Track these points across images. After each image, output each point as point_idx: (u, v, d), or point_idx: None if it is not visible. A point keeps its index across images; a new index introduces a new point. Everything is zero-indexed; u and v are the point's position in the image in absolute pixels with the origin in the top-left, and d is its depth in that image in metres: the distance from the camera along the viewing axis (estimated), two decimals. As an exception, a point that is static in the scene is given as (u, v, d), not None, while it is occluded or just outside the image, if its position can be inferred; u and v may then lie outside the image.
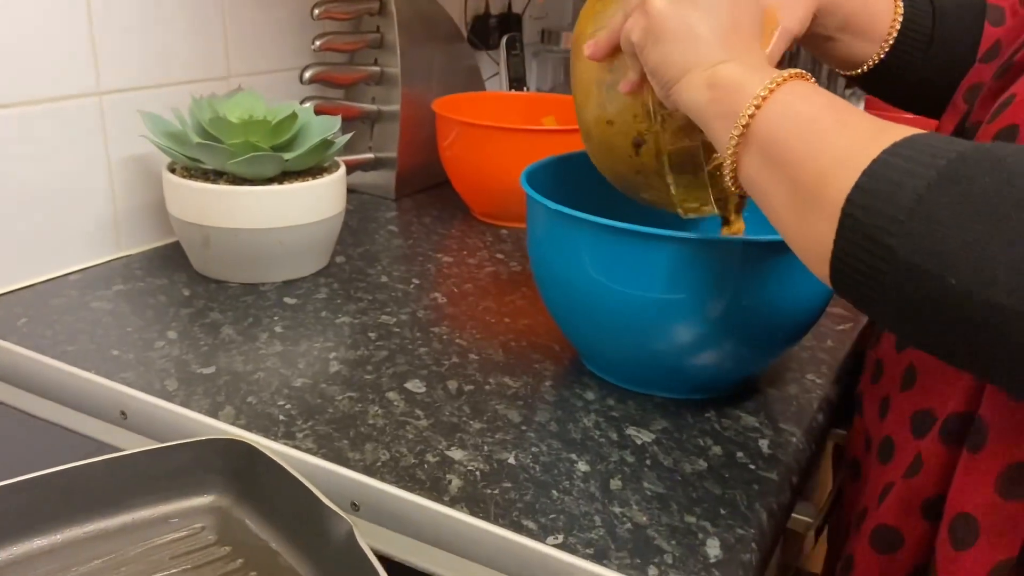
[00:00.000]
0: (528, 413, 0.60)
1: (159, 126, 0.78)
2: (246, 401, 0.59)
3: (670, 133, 0.56)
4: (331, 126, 0.82)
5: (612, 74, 0.57)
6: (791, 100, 0.43)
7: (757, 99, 0.43)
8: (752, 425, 0.60)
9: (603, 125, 0.59)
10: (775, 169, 0.42)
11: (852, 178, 0.37)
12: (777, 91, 0.43)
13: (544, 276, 0.63)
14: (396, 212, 1.02)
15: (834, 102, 0.43)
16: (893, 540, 0.49)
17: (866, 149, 0.38)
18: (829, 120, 0.41)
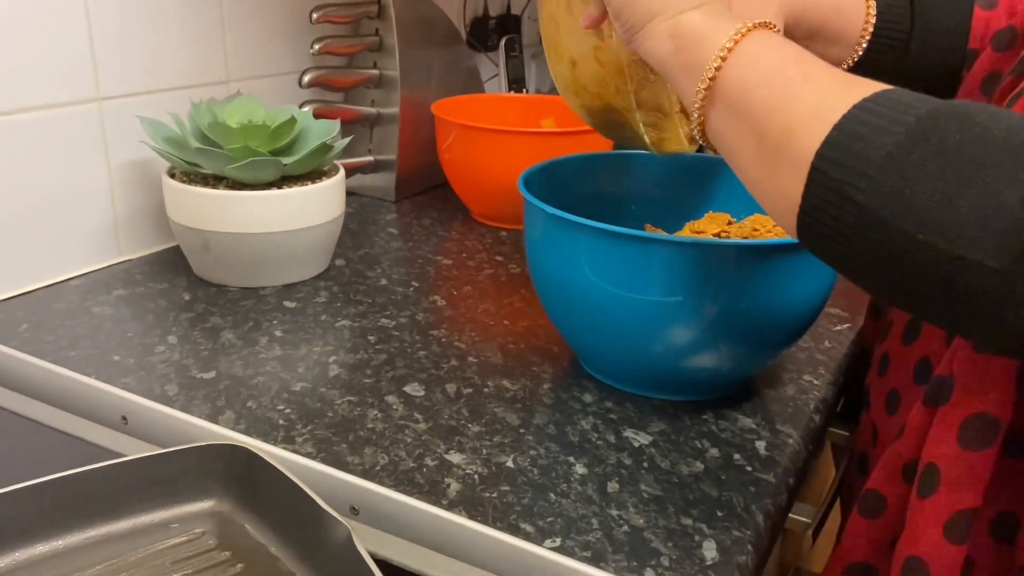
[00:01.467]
0: (526, 416, 0.60)
1: (159, 131, 0.78)
2: (246, 406, 0.60)
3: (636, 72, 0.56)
4: (330, 130, 0.82)
5: (572, 15, 0.56)
6: (757, 51, 0.42)
7: (723, 51, 0.43)
8: (749, 427, 0.60)
9: (568, 64, 0.58)
10: (742, 122, 0.42)
11: (821, 133, 0.37)
12: (743, 42, 0.43)
13: (542, 280, 0.64)
14: (396, 214, 1.02)
15: (801, 54, 0.42)
16: (878, 505, 0.50)
17: (835, 103, 0.38)
18: (797, 73, 0.41)
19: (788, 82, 0.40)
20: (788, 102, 0.40)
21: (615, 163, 0.77)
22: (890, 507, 0.50)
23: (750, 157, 0.42)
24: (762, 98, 0.41)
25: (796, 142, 0.39)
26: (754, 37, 0.43)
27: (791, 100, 0.40)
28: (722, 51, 0.43)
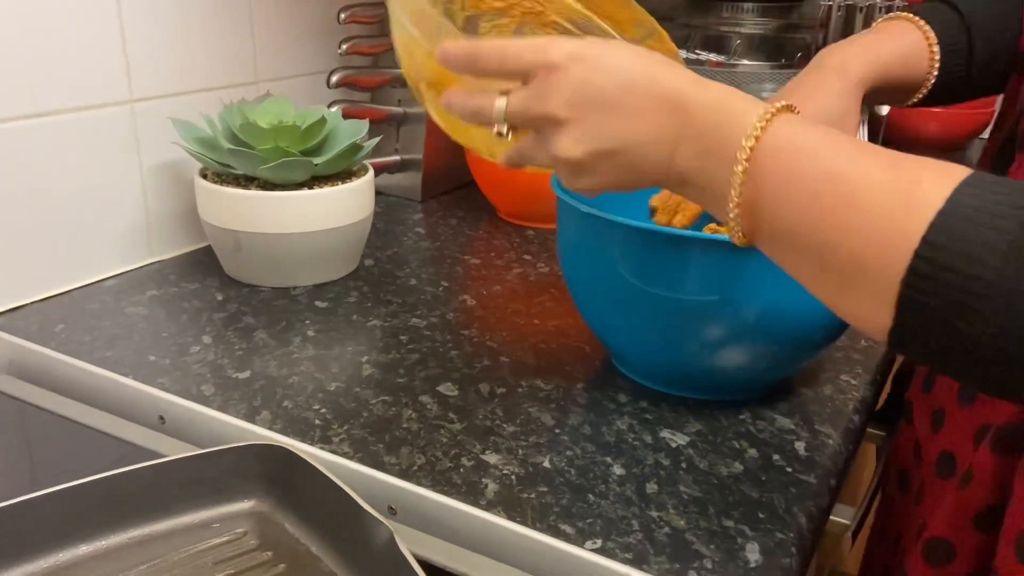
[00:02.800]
0: (561, 416, 0.60)
1: (190, 132, 0.79)
2: (282, 405, 0.60)
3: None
4: (359, 130, 0.82)
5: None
6: (779, 176, 0.37)
7: (736, 192, 0.38)
8: (787, 427, 0.59)
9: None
10: (792, 253, 0.38)
11: (902, 260, 0.33)
12: (754, 166, 0.38)
13: (576, 279, 0.63)
14: (422, 214, 1.02)
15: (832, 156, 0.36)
16: (947, 552, 0.49)
17: (903, 224, 0.33)
18: (838, 189, 0.36)
19: (834, 205, 0.36)
20: (844, 227, 0.35)
21: None
22: (960, 556, 0.49)
23: (813, 284, 0.38)
24: (807, 228, 0.37)
25: (870, 271, 0.35)
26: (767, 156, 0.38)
27: (848, 224, 0.35)
28: (736, 193, 0.39)
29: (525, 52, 0.42)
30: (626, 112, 0.41)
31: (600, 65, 0.41)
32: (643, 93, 0.40)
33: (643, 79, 0.40)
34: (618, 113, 0.41)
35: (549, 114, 0.42)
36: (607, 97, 0.40)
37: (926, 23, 0.63)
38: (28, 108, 0.71)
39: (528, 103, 0.42)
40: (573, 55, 0.41)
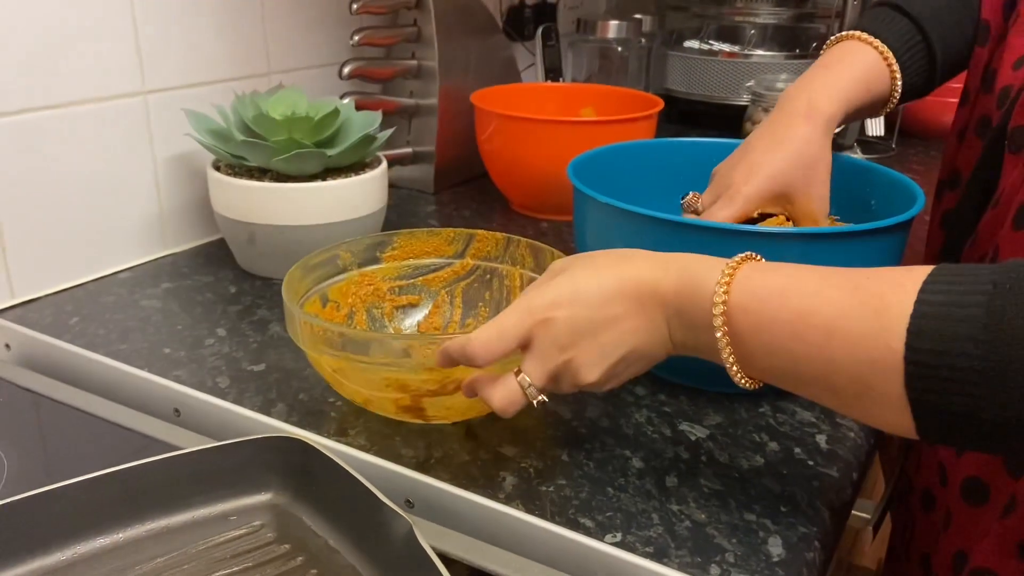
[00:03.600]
0: (579, 409, 0.59)
1: (203, 124, 0.78)
2: (297, 398, 0.59)
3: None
4: (372, 121, 0.82)
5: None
6: (757, 329, 0.41)
7: (726, 353, 0.42)
8: (808, 420, 0.59)
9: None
10: (802, 387, 0.42)
11: (896, 371, 0.36)
12: (731, 327, 0.42)
13: None
14: (435, 206, 1.02)
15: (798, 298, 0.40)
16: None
17: (884, 340, 0.36)
18: (813, 325, 0.39)
19: (810, 350, 0.39)
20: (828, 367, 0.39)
21: (665, 150, 0.76)
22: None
23: (828, 402, 0.41)
24: (801, 370, 0.40)
25: (873, 390, 0.37)
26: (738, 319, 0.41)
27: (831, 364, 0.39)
28: (727, 356, 0.42)
29: (520, 321, 0.46)
30: (616, 322, 0.45)
31: (576, 299, 0.45)
32: (620, 300, 0.44)
33: (613, 289, 0.45)
34: (611, 327, 0.45)
35: (560, 363, 0.46)
36: (595, 321, 0.45)
37: (880, 41, 0.64)
38: (41, 100, 0.70)
39: (542, 365, 0.46)
40: (553, 303, 0.45)
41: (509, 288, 0.66)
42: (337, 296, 0.63)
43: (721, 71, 1.34)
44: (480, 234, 0.67)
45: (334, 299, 0.63)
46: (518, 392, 0.47)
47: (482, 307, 0.67)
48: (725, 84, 1.34)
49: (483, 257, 0.67)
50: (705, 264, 0.44)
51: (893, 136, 1.34)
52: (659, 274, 0.44)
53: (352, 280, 0.64)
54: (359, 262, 0.65)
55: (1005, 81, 0.57)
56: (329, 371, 0.54)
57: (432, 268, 0.67)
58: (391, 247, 0.67)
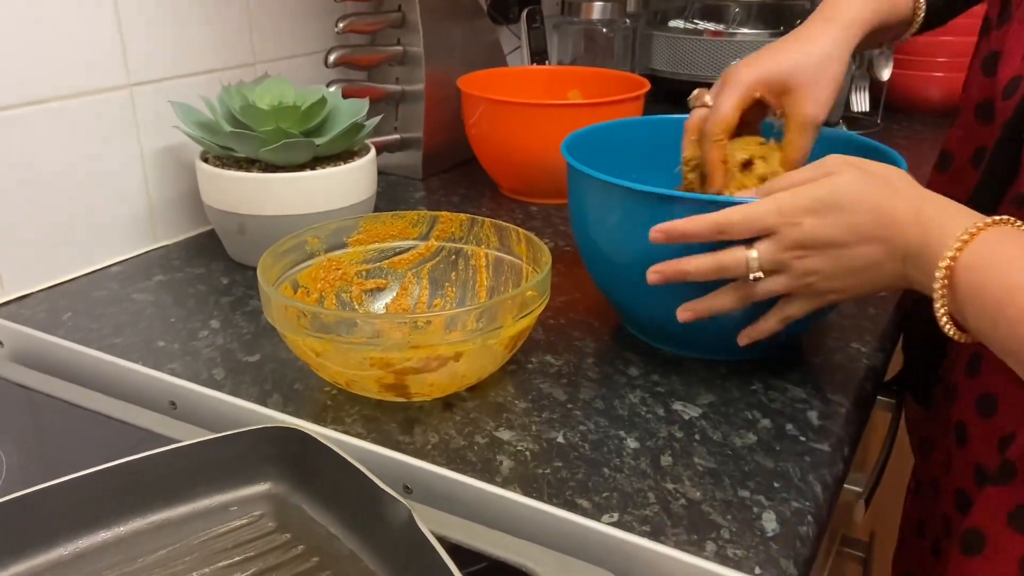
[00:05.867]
0: (573, 391, 0.60)
1: (191, 116, 0.78)
2: (293, 388, 0.60)
3: None
4: (359, 109, 0.81)
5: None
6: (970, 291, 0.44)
7: (939, 304, 0.46)
8: (799, 396, 0.59)
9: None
10: (1002, 354, 0.44)
11: None
12: (951, 281, 0.45)
13: (588, 244, 0.63)
14: (424, 192, 1.02)
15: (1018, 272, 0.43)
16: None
17: None
18: (1017, 303, 0.42)
19: None
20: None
21: (658, 126, 0.76)
22: None
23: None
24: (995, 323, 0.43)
25: None
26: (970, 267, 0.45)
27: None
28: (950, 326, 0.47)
29: (767, 217, 0.51)
30: (861, 245, 0.50)
31: (830, 213, 0.50)
32: (871, 229, 0.49)
33: (869, 219, 0.49)
34: (855, 249, 0.50)
35: (795, 257, 0.52)
36: (842, 240, 0.50)
37: None
38: (26, 95, 0.70)
39: (777, 252, 0.52)
40: (807, 209, 0.50)
41: (475, 268, 0.67)
42: (307, 281, 0.63)
43: (706, 50, 1.34)
44: (443, 216, 0.68)
45: (304, 284, 0.63)
46: (741, 261, 0.52)
47: (448, 287, 0.68)
48: (711, 63, 1.34)
49: (447, 238, 0.68)
50: (958, 217, 0.46)
51: (878, 111, 1.34)
52: (910, 217, 0.48)
53: (320, 265, 0.65)
54: (326, 247, 0.65)
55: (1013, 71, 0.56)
56: (311, 354, 0.54)
57: (397, 251, 0.68)
58: (356, 231, 0.67)
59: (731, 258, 0.53)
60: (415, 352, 0.52)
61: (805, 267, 0.52)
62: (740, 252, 0.53)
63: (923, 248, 0.47)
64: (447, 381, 0.55)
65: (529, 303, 0.55)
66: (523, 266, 0.64)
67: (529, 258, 0.64)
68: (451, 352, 0.53)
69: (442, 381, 0.55)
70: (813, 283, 0.52)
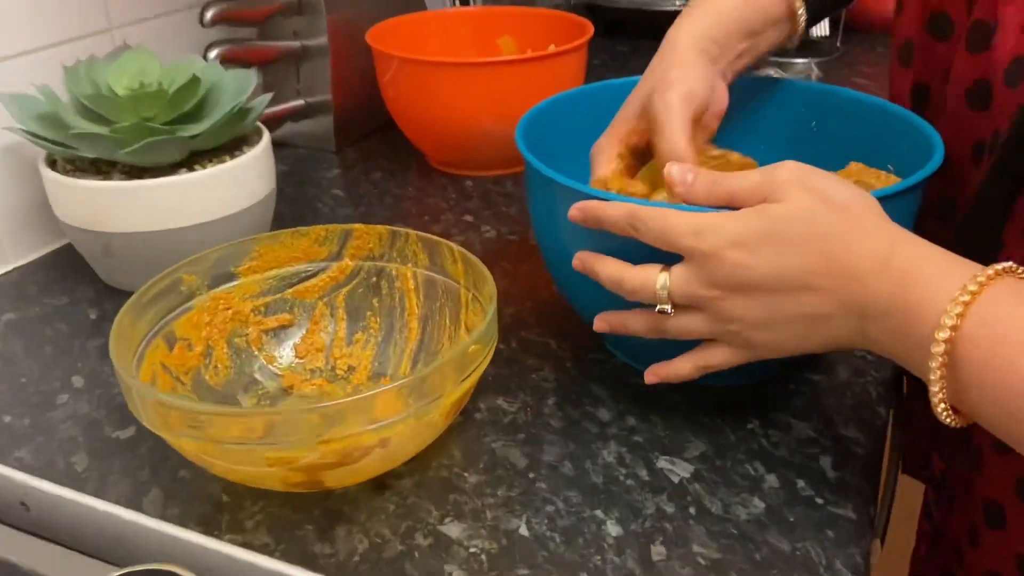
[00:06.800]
0: (533, 451, 0.48)
1: (27, 109, 0.62)
2: (177, 477, 0.47)
3: None
4: (245, 84, 0.66)
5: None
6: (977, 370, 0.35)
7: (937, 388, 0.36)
8: (806, 435, 0.49)
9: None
10: (1011, 443, 0.35)
11: None
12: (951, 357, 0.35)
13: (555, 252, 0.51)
14: (339, 168, 0.87)
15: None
16: None
17: None
18: None
19: None
20: None
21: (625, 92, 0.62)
22: None
23: None
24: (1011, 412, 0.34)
25: None
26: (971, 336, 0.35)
27: None
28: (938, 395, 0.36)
29: (685, 236, 0.41)
30: (801, 293, 0.39)
31: (761, 248, 0.39)
32: (816, 275, 0.39)
33: (814, 261, 0.39)
34: (792, 296, 0.40)
35: (710, 297, 0.41)
36: (774, 281, 0.40)
37: None
38: None
39: (688, 286, 0.42)
40: (734, 241, 0.40)
41: (402, 292, 0.54)
42: (187, 331, 0.50)
43: (648, -26, 1.19)
44: (358, 229, 0.54)
45: (183, 336, 0.50)
46: (648, 285, 0.43)
47: (371, 317, 0.55)
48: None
49: (365, 256, 0.55)
50: (942, 266, 0.37)
51: (838, 35, 1.22)
52: (875, 264, 0.38)
53: (203, 307, 0.51)
54: (208, 283, 0.52)
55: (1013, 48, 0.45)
56: (192, 452, 0.41)
57: (303, 276, 0.55)
58: (248, 257, 0.53)
59: (637, 277, 0.43)
60: (327, 447, 0.39)
61: (725, 311, 0.41)
62: (651, 272, 0.43)
63: (897, 308, 0.37)
64: (375, 466, 0.43)
65: (474, 358, 0.43)
66: (460, 290, 0.52)
67: (468, 282, 0.51)
68: (375, 440, 0.40)
69: (368, 467, 0.43)
70: (737, 331, 0.42)
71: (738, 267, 0.40)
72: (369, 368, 0.54)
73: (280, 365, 0.54)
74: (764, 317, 0.41)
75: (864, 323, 0.39)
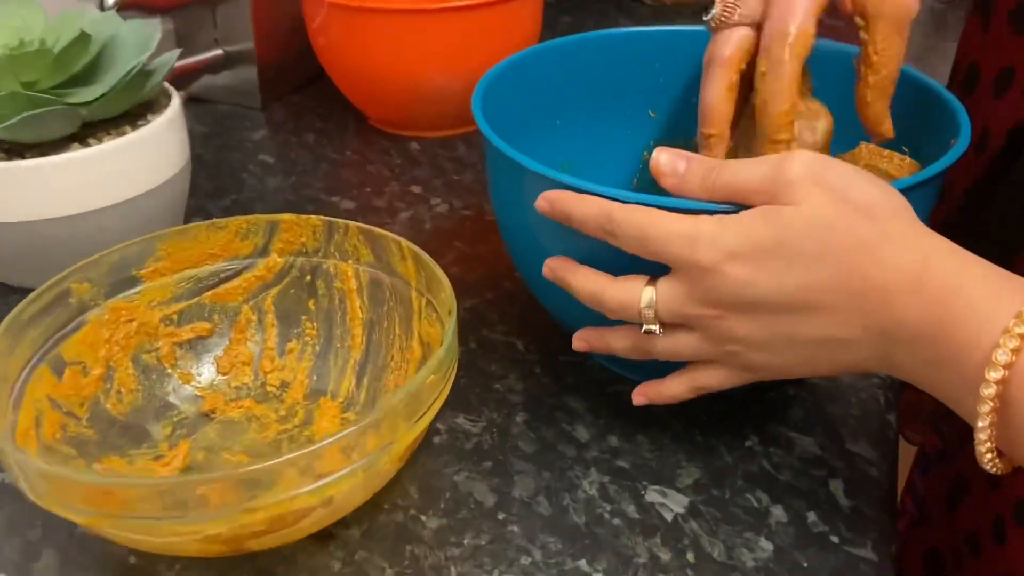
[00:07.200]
0: (502, 483, 0.41)
1: None
2: (72, 535, 0.39)
3: None
4: (148, 38, 0.56)
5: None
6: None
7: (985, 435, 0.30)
8: (811, 452, 0.43)
9: None
10: None
11: None
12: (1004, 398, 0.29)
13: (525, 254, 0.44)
14: (266, 129, 0.77)
15: None
16: None
17: None
18: None
19: None
20: None
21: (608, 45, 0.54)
22: None
23: None
24: None
25: None
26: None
27: None
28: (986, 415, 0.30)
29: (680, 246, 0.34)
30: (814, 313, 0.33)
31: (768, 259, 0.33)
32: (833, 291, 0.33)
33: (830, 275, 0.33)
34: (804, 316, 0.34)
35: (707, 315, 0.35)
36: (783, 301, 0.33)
37: None
38: None
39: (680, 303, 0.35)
40: (732, 253, 0.33)
41: (342, 293, 0.46)
42: (80, 353, 0.41)
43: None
44: (286, 220, 0.46)
45: (75, 360, 0.41)
46: (631, 302, 0.36)
47: (307, 323, 0.47)
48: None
49: (297, 251, 0.47)
50: (989, 286, 0.31)
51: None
52: (907, 281, 0.32)
53: (100, 321, 0.42)
54: (106, 291, 0.43)
55: None
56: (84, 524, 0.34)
57: (223, 277, 0.46)
58: (153, 258, 0.44)
59: (618, 294, 0.37)
60: (253, 517, 0.32)
61: (724, 330, 0.35)
62: (634, 286, 0.36)
63: (932, 333, 0.31)
64: (314, 526, 0.36)
65: (432, 390, 0.36)
66: (411, 292, 0.44)
67: (420, 284, 0.43)
68: (315, 501, 0.33)
69: (307, 528, 0.36)
70: (737, 352, 0.36)
71: (741, 284, 0.34)
72: (306, 384, 0.46)
73: (199, 384, 0.45)
74: (769, 339, 0.35)
75: (890, 347, 0.33)
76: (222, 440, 0.43)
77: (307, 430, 0.44)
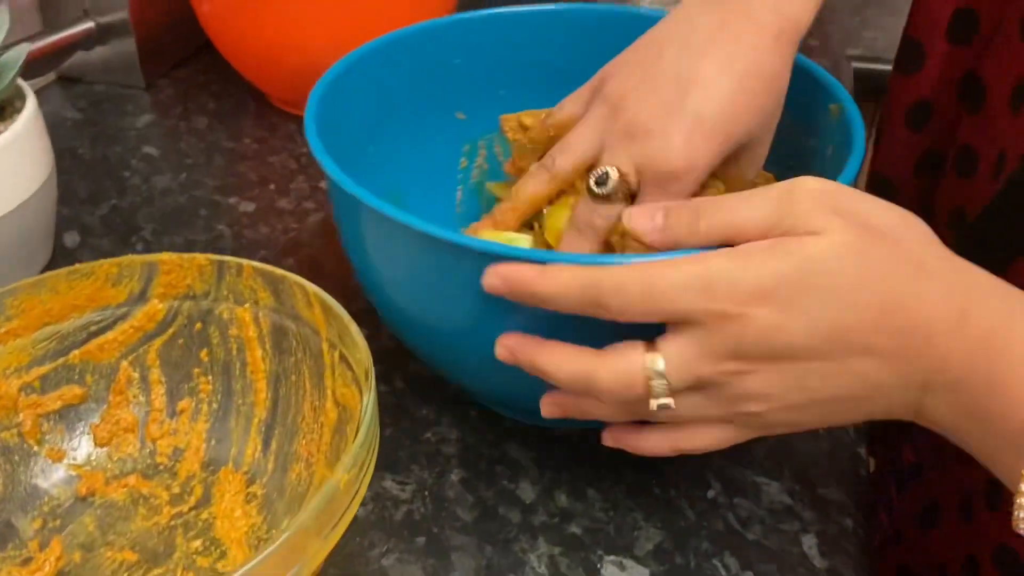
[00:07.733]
0: (439, 566, 0.36)
1: None
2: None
3: None
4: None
5: None
6: None
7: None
8: (780, 501, 0.39)
9: None
10: None
11: None
12: None
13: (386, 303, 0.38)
14: (152, 113, 0.68)
15: None
16: None
17: None
18: None
19: None
20: None
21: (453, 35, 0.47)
22: None
23: None
24: None
25: None
26: None
27: None
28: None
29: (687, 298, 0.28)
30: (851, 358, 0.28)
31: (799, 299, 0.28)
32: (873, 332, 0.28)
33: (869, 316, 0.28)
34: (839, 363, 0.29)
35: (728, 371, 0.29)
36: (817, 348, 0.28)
37: None
38: None
39: (697, 362, 0.29)
40: (757, 293, 0.28)
41: (240, 342, 0.40)
42: None
43: None
44: (166, 260, 0.39)
45: None
46: (635, 379, 0.30)
47: (200, 377, 0.40)
48: None
49: (182, 295, 0.39)
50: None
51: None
52: (951, 319, 0.28)
53: None
54: None
55: None
56: None
57: (94, 331, 0.39)
58: (3, 317, 0.37)
59: (613, 371, 0.30)
60: None
61: (745, 388, 0.30)
62: (630, 357, 0.30)
63: (974, 380, 0.28)
64: None
65: (348, 491, 0.30)
66: (322, 344, 0.38)
67: (331, 334, 0.37)
68: None
69: None
70: (758, 413, 0.30)
71: (769, 329, 0.28)
72: (203, 450, 0.39)
73: (74, 461, 0.38)
74: (799, 392, 0.30)
75: (925, 394, 0.29)
76: (102, 532, 0.36)
77: (205, 511, 0.37)
